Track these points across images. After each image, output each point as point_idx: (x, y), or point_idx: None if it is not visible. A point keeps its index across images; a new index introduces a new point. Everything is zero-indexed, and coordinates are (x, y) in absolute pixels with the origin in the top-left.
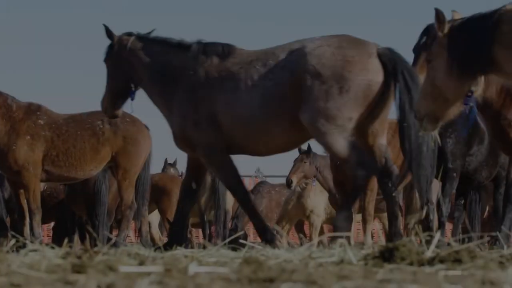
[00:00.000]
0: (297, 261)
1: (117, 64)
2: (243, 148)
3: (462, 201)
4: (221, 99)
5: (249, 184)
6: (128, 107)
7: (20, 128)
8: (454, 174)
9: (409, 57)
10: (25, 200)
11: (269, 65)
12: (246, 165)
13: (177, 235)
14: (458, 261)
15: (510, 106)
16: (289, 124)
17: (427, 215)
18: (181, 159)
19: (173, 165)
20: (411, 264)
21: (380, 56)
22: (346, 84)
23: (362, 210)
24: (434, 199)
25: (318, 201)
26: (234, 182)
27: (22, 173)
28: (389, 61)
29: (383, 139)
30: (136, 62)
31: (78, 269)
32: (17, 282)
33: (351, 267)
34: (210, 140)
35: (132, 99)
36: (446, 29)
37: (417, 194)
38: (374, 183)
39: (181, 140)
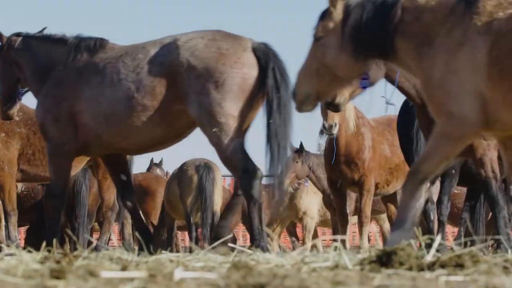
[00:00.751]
0: (289, 266)
1: (5, 65)
2: (110, 145)
3: (472, 202)
4: (86, 95)
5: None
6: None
7: None
8: (453, 171)
9: None
10: (0, 202)
11: (138, 59)
12: None
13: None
14: (460, 266)
15: None
16: (159, 118)
17: (427, 214)
18: (167, 159)
19: (159, 165)
20: (410, 269)
21: (254, 50)
22: (221, 77)
23: (359, 212)
24: (434, 198)
25: (311, 202)
26: (59, 189)
27: None
28: (263, 55)
29: None
30: (22, 62)
31: (57, 274)
32: None
33: (347, 273)
34: (62, 140)
35: (19, 100)
36: (340, 5)
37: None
38: (371, 184)
39: (41, 134)
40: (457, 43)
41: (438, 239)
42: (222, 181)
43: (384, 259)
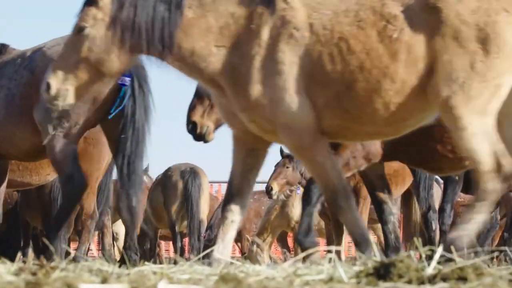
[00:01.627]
0: (280, 278)
1: None
2: (4, 151)
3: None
4: None
5: (225, 190)
6: None
7: None
8: (456, 177)
9: None
10: None
11: (16, 65)
12: (223, 169)
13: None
14: (463, 279)
15: None
16: (35, 126)
17: (428, 224)
18: (154, 165)
19: (145, 171)
20: (409, 282)
21: None
22: None
23: None
24: (436, 206)
25: None
26: None
27: None
28: None
29: None
30: None
31: (33, 287)
32: None
33: (342, 286)
34: None
35: None
36: None
37: (416, 204)
38: (367, 191)
39: None
40: (269, 43)
41: (439, 250)
42: (209, 187)
43: (382, 272)
